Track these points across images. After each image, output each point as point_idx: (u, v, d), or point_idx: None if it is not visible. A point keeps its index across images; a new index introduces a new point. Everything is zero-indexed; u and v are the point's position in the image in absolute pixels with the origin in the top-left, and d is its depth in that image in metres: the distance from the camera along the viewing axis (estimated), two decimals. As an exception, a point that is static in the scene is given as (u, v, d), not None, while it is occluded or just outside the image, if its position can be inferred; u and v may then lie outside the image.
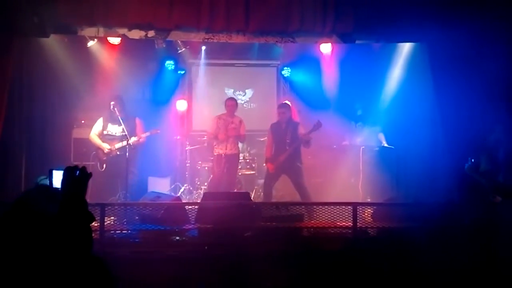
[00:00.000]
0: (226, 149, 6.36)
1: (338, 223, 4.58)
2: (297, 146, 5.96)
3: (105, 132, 5.78)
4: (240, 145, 7.41)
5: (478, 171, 4.03)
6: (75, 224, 1.53)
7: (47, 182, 1.75)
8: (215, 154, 6.46)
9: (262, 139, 7.59)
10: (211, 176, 6.68)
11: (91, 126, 5.92)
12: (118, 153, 5.70)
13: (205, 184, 6.92)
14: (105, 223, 4.34)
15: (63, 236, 1.49)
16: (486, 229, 4.05)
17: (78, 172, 1.60)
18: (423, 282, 3.84)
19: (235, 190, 6.55)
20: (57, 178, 1.67)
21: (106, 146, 5.70)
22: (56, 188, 1.65)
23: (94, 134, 5.79)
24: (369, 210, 5.10)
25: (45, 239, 1.47)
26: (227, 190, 6.24)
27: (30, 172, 5.43)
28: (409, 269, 3.96)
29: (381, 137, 6.65)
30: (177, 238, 4.49)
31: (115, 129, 5.76)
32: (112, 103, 5.66)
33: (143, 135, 5.78)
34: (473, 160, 4.01)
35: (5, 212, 1.53)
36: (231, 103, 6.56)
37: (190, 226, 4.61)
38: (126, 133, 5.58)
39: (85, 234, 1.57)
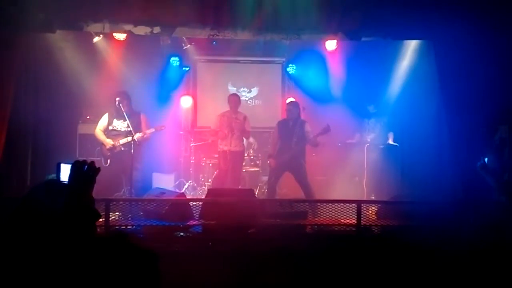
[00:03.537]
0: (230, 145, 6.30)
1: (342, 221, 4.58)
2: (303, 146, 5.96)
3: (110, 128, 5.79)
4: (244, 142, 7.42)
5: (489, 170, 4.03)
6: (79, 220, 1.52)
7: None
8: (220, 150, 6.44)
9: (267, 136, 7.60)
10: (216, 172, 6.68)
11: (96, 122, 5.94)
12: (122, 148, 5.72)
13: (209, 180, 6.94)
14: (110, 219, 4.36)
15: (67, 232, 1.48)
16: (492, 228, 4.04)
17: (86, 167, 1.59)
18: (426, 281, 3.84)
19: (239, 187, 6.56)
20: (65, 172, 1.66)
21: (109, 142, 5.71)
22: (65, 183, 1.64)
23: (99, 130, 5.81)
24: (373, 208, 5.09)
25: (52, 235, 1.47)
26: (232, 187, 6.24)
27: (36, 168, 5.46)
28: (413, 268, 3.96)
29: (390, 135, 6.62)
30: (181, 234, 4.51)
31: (120, 125, 5.78)
32: (117, 98, 5.66)
33: (148, 131, 5.79)
34: (486, 159, 4.01)
35: (16, 207, 1.53)
36: (234, 98, 6.51)
37: (194, 222, 4.63)
38: (131, 128, 5.59)
39: (89, 231, 1.56)
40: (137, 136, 5.61)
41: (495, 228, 4.00)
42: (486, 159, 4.00)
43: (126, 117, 5.61)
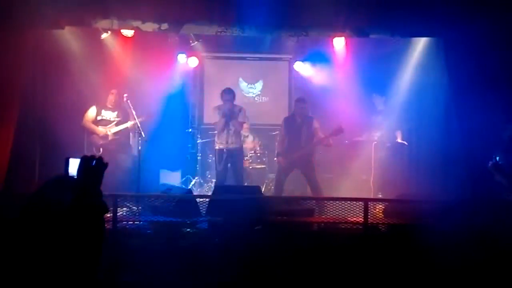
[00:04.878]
0: (227, 143, 5.88)
1: (349, 219, 4.56)
2: (312, 144, 5.93)
3: (99, 118, 5.96)
4: (250, 139, 7.41)
5: (501, 168, 3.99)
6: (88, 214, 1.54)
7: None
8: (216, 148, 6.02)
9: (273, 133, 7.59)
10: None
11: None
12: (115, 136, 5.88)
13: (216, 177, 6.94)
14: (118, 214, 4.38)
15: (75, 226, 1.50)
16: (499, 228, 4.00)
17: (94, 162, 1.62)
18: (433, 280, 3.82)
19: (245, 184, 6.55)
20: (73, 167, 1.69)
21: (102, 130, 5.90)
22: (74, 177, 1.67)
23: (87, 121, 5.93)
24: (380, 206, 5.06)
25: (61, 229, 1.49)
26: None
27: (44, 162, 5.51)
28: (420, 267, 3.94)
29: (398, 134, 6.59)
30: (188, 230, 4.53)
31: (110, 115, 5.98)
32: (125, 95, 5.80)
33: (139, 119, 5.78)
34: (497, 158, 3.97)
35: (27, 202, 1.55)
36: (227, 94, 5.99)
37: (201, 219, 4.64)
38: (136, 117, 5.70)
39: (97, 224, 1.58)
40: (139, 119, 5.70)
41: (505, 227, 3.96)
42: (497, 158, 3.96)
43: (133, 112, 5.72)
